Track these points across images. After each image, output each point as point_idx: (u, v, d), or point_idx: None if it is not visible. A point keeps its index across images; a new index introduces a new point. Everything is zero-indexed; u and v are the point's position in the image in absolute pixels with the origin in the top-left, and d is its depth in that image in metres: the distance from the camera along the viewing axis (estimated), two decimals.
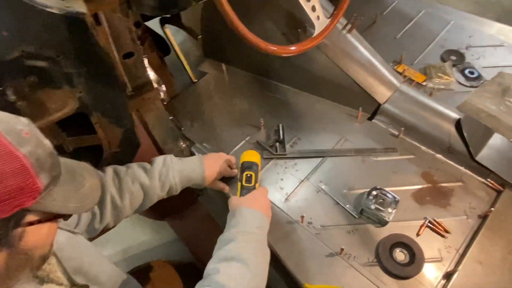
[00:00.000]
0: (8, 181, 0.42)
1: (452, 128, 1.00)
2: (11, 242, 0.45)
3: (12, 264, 0.46)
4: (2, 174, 0.41)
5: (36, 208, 0.45)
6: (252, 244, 0.69)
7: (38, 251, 0.50)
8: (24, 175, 0.43)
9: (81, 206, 0.51)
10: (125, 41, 0.78)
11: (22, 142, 0.44)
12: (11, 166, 0.42)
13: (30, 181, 0.43)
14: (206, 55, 1.33)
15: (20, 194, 0.43)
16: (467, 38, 1.34)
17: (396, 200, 0.88)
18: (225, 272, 0.63)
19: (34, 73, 0.67)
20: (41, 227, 0.48)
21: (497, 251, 0.83)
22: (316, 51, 1.08)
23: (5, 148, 0.42)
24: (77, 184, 0.51)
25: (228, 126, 1.12)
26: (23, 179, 0.43)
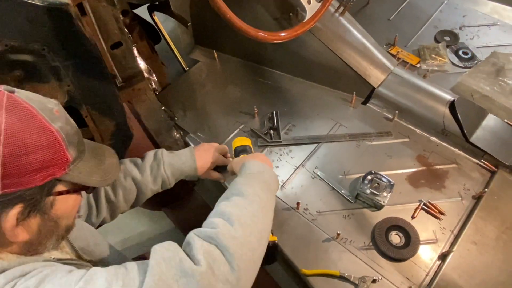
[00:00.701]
0: (44, 152, 0.47)
1: (446, 110, 1.00)
2: (43, 208, 0.50)
3: (43, 230, 0.52)
4: (38, 145, 0.47)
5: (65, 178, 0.51)
6: (251, 181, 0.70)
7: (64, 221, 0.55)
8: (57, 147, 0.49)
9: (103, 180, 0.56)
10: (112, 30, 0.76)
11: (54, 119, 0.49)
12: (46, 139, 0.48)
13: (62, 153, 0.49)
14: (197, 43, 1.31)
15: (53, 164, 0.48)
16: (460, 18, 1.32)
17: (391, 184, 0.88)
18: (224, 204, 0.64)
19: (20, 68, 0.65)
20: (68, 197, 0.53)
21: (491, 231, 0.84)
22: (308, 36, 1.07)
23: (40, 122, 0.47)
24: (98, 161, 0.57)
25: (221, 114, 1.12)
26: (56, 151, 0.49)
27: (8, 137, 0.45)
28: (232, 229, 0.58)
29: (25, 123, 0.46)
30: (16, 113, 0.46)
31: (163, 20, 1.25)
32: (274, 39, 0.90)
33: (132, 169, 0.83)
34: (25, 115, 0.47)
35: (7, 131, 0.45)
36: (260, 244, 0.62)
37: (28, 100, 0.48)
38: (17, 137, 0.45)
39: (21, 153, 0.45)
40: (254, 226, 0.61)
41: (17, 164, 0.45)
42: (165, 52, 1.29)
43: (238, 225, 0.59)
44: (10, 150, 0.45)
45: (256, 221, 0.62)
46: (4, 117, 0.45)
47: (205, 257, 0.53)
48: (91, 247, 0.69)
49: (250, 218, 0.62)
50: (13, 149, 0.45)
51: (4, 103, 0.46)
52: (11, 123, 0.45)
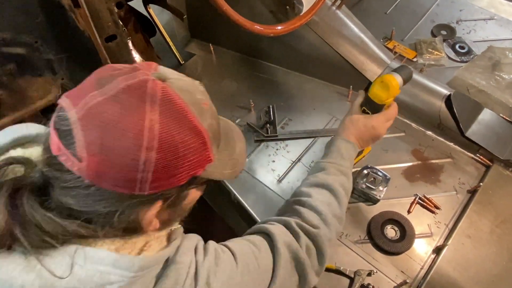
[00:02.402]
0: (193, 156, 0.44)
1: (442, 105, 1.00)
2: (178, 202, 0.49)
3: (173, 217, 0.51)
4: (189, 149, 0.43)
5: (203, 175, 0.47)
6: (341, 177, 0.73)
7: (189, 206, 0.54)
8: (203, 149, 0.45)
9: (233, 171, 0.54)
10: (106, 23, 0.75)
11: (203, 115, 0.45)
12: (196, 141, 0.44)
13: (207, 153, 0.46)
14: (193, 36, 1.30)
15: (197, 166, 0.45)
16: (457, 12, 1.32)
17: (387, 178, 0.89)
18: (317, 197, 0.69)
19: (12, 61, 0.65)
20: (198, 188, 0.52)
21: (485, 224, 0.85)
22: (305, 29, 1.06)
23: (192, 123, 0.43)
24: (231, 150, 0.54)
25: (217, 108, 1.09)
26: (201, 153, 0.45)
27: (162, 141, 0.40)
28: (328, 232, 0.65)
29: (178, 124, 0.42)
30: (171, 112, 0.41)
31: (158, 12, 1.24)
32: (270, 33, 0.89)
33: None
34: (179, 113, 0.42)
35: (162, 133, 0.40)
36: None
37: (180, 91, 0.43)
38: (171, 142, 0.41)
39: (173, 157, 0.42)
40: (339, 227, 0.70)
41: (168, 169, 0.42)
42: (161, 45, 1.27)
43: (333, 228, 0.67)
44: (164, 155, 0.41)
45: (340, 223, 0.70)
46: (158, 117, 0.40)
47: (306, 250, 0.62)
48: None
49: (339, 221, 0.69)
50: (166, 154, 0.41)
51: (159, 98, 0.41)
52: (166, 124, 0.41)
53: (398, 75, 0.73)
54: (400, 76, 0.73)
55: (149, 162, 0.40)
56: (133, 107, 0.40)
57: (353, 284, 0.78)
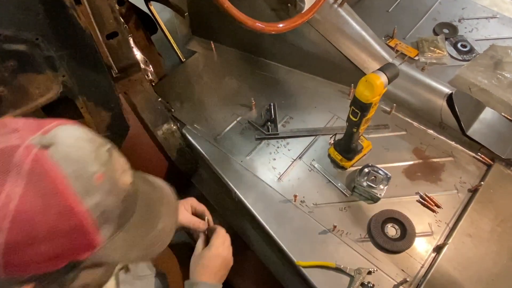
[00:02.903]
0: (61, 240, 0.37)
1: (444, 103, 1.00)
2: (63, 283, 0.41)
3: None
4: (54, 232, 0.36)
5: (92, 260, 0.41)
6: None
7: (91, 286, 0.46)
8: (82, 232, 0.38)
9: (145, 254, 0.45)
10: (108, 20, 0.74)
11: (90, 191, 0.38)
12: (68, 224, 0.37)
13: (88, 238, 0.39)
14: (194, 33, 1.30)
15: (73, 252, 0.39)
16: (460, 10, 1.31)
17: (388, 176, 0.88)
18: None
19: (13, 58, 0.64)
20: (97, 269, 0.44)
21: (486, 223, 0.85)
22: (307, 27, 1.06)
23: (66, 202, 0.36)
24: (149, 227, 0.45)
25: (218, 106, 1.11)
26: (79, 237, 0.38)
27: (16, 222, 0.34)
28: None
29: (45, 202, 0.35)
30: (38, 186, 0.35)
31: (160, 10, 1.24)
32: (272, 30, 0.89)
33: None
34: (49, 190, 0.35)
35: (19, 212, 0.34)
36: None
37: (64, 161, 0.37)
38: (28, 223, 0.35)
39: (28, 242, 0.35)
40: None
41: (22, 255, 0.35)
42: (162, 42, 1.27)
43: None
44: (15, 238, 0.35)
45: None
46: (20, 191, 0.34)
47: None
48: None
49: None
50: (20, 237, 0.35)
51: (27, 168, 0.35)
52: (27, 201, 0.34)
53: (383, 74, 0.73)
54: (385, 75, 0.73)
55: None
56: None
57: (353, 282, 0.78)
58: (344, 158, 0.93)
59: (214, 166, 0.98)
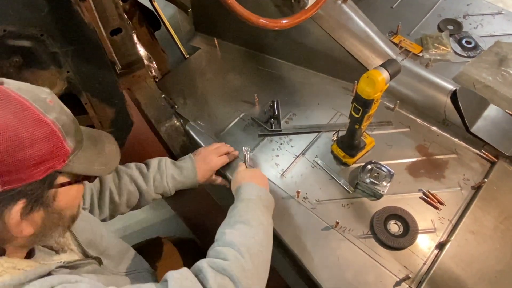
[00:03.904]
0: (41, 145, 0.46)
1: (448, 100, 0.99)
2: (46, 202, 0.50)
3: (48, 222, 0.51)
4: (35, 139, 0.45)
5: (65, 170, 0.50)
6: (251, 207, 0.74)
7: (68, 212, 0.55)
8: (54, 139, 0.47)
9: (105, 168, 0.56)
10: (111, 16, 0.75)
11: (48, 109, 0.47)
12: (42, 131, 0.46)
13: (60, 144, 0.48)
14: (198, 29, 1.30)
15: (51, 157, 0.47)
16: (464, 6, 1.30)
17: (391, 173, 0.88)
18: (230, 232, 0.67)
19: (18, 53, 0.65)
20: (70, 188, 0.53)
21: (489, 221, 0.85)
22: (310, 23, 1.05)
23: (34, 115, 0.46)
24: (99, 149, 0.56)
25: (222, 102, 1.11)
26: (53, 143, 0.47)
27: (2, 133, 0.43)
28: (243, 261, 0.61)
29: (18, 117, 0.45)
30: (8, 107, 0.45)
31: (163, 6, 1.24)
32: (275, 26, 0.89)
33: (138, 177, 0.85)
34: (18, 108, 0.45)
35: (1, 126, 0.43)
36: (266, 272, 0.65)
37: (19, 91, 0.47)
38: (12, 132, 0.44)
39: (18, 148, 0.44)
40: (261, 256, 0.65)
41: (15, 160, 0.44)
42: (165, 39, 1.27)
43: (248, 257, 0.62)
44: (6, 146, 0.43)
45: (262, 250, 0.66)
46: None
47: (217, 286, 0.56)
48: (97, 240, 0.70)
49: (258, 248, 0.65)
50: (9, 144, 0.43)
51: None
52: (4, 117, 0.44)
53: (385, 70, 0.73)
54: (387, 71, 0.73)
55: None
56: None
57: None
58: (347, 154, 0.93)
59: None
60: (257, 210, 0.73)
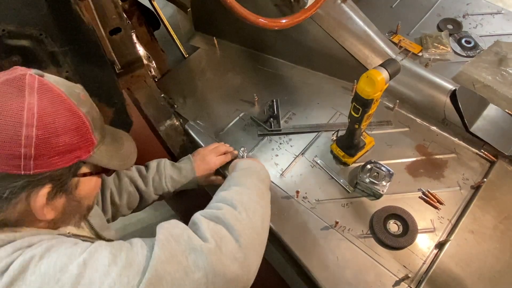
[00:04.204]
0: (72, 134, 0.49)
1: (447, 100, 0.99)
2: (69, 189, 0.53)
3: (67, 209, 0.54)
4: (68, 128, 0.49)
5: (89, 161, 0.53)
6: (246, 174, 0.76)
7: (86, 201, 0.58)
8: (84, 131, 0.51)
9: (123, 164, 0.59)
10: (111, 16, 0.75)
11: (80, 103, 0.51)
12: (75, 122, 0.50)
13: (88, 136, 0.52)
14: (197, 29, 1.29)
15: (79, 147, 0.51)
16: (464, 5, 1.30)
17: (391, 173, 0.88)
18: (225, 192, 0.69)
19: (17, 53, 0.65)
20: (90, 179, 0.56)
21: (488, 220, 0.85)
22: (310, 23, 1.05)
23: (69, 106, 0.50)
24: (118, 146, 0.59)
25: (221, 102, 1.11)
26: (83, 134, 0.51)
27: (41, 119, 0.46)
28: (236, 212, 0.62)
29: (55, 106, 0.48)
30: (48, 96, 0.48)
31: (163, 6, 1.24)
32: (275, 26, 0.89)
33: (137, 179, 0.86)
34: (56, 98, 0.49)
35: (40, 113, 0.46)
36: (263, 227, 0.65)
37: (56, 84, 0.50)
38: (49, 120, 0.47)
39: (53, 135, 0.47)
40: (256, 210, 0.64)
41: (48, 146, 0.47)
42: (165, 38, 1.27)
43: (242, 209, 0.62)
44: (43, 132, 0.46)
45: (257, 206, 0.65)
46: (36, 100, 0.47)
47: (212, 235, 0.55)
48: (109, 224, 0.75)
49: (252, 204, 0.65)
50: (46, 131, 0.46)
51: (36, 87, 0.48)
52: (43, 105, 0.47)
53: (384, 70, 0.73)
54: (386, 71, 0.73)
55: (30, 137, 0.45)
56: (13, 95, 0.46)
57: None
58: (346, 154, 0.93)
59: None
60: (251, 175, 0.74)
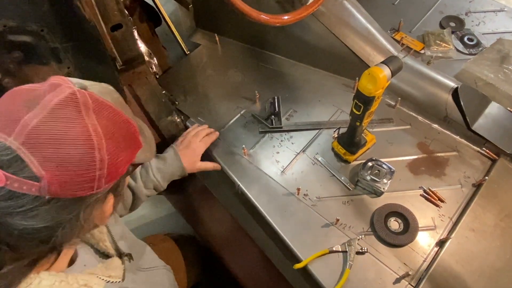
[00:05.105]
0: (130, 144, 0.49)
1: (449, 97, 0.99)
2: (121, 190, 0.54)
3: (115, 204, 0.54)
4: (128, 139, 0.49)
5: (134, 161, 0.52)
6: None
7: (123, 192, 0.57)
8: (136, 137, 0.51)
9: (150, 154, 0.58)
10: (112, 12, 0.74)
11: (125, 109, 0.50)
12: (131, 132, 0.49)
13: (138, 141, 0.52)
14: (198, 26, 1.29)
15: (134, 153, 0.51)
16: (467, 3, 1.30)
17: (392, 171, 0.88)
18: None
19: (18, 49, 0.65)
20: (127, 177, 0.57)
21: (489, 218, 0.85)
22: (311, 19, 1.05)
23: (123, 118, 0.48)
24: (143, 135, 0.57)
25: (222, 99, 1.11)
26: (135, 140, 0.51)
27: (108, 139, 0.45)
28: None
29: (114, 122, 0.47)
30: (104, 114, 0.46)
31: (164, 2, 1.23)
32: (276, 22, 0.88)
33: None
34: (111, 113, 0.47)
35: (105, 133, 0.45)
36: None
37: (102, 95, 0.47)
38: (114, 139, 0.46)
39: (118, 152, 0.46)
40: None
41: (116, 163, 0.46)
42: (166, 35, 1.27)
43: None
44: (111, 152, 0.45)
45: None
46: (96, 120, 0.45)
47: None
48: (126, 233, 0.74)
49: None
50: (114, 149, 0.46)
51: (91, 104, 0.45)
52: (104, 124, 0.45)
53: (386, 67, 0.72)
54: (388, 68, 0.72)
55: (103, 160, 0.44)
56: (73, 117, 0.43)
57: (348, 255, 0.80)
58: (347, 151, 0.93)
59: (217, 158, 0.98)
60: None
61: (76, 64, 0.72)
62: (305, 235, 0.84)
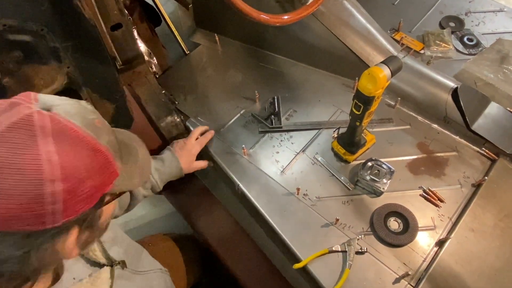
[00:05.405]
0: (97, 175, 0.43)
1: (449, 98, 0.99)
2: (93, 222, 0.48)
3: (91, 238, 0.50)
4: (92, 171, 0.43)
5: (112, 191, 0.47)
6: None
7: (106, 222, 0.53)
8: (108, 167, 0.45)
9: (141, 179, 0.53)
10: (112, 11, 0.74)
11: (99, 133, 0.44)
12: (98, 161, 0.43)
13: (112, 170, 0.45)
14: (198, 25, 1.29)
15: (105, 183, 0.45)
16: (467, 3, 1.30)
17: (391, 171, 0.88)
18: None
19: (19, 48, 0.65)
20: (112, 203, 0.51)
21: (489, 218, 0.85)
22: (311, 19, 1.05)
23: (90, 144, 0.43)
24: (134, 158, 0.52)
25: (222, 99, 1.11)
26: (107, 171, 0.45)
27: (64, 170, 0.39)
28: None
29: (76, 150, 0.41)
30: (65, 140, 0.40)
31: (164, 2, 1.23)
32: (276, 22, 0.88)
33: None
34: (74, 139, 0.41)
35: (62, 162, 0.39)
36: None
37: (69, 116, 0.42)
38: (73, 169, 0.40)
39: (78, 184, 0.41)
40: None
41: (75, 195, 0.41)
42: (166, 35, 1.27)
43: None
44: (69, 184, 0.40)
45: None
46: (54, 148, 0.39)
47: None
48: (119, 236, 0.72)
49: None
50: (72, 181, 0.40)
51: (50, 128, 0.40)
52: (63, 153, 0.40)
53: (386, 67, 0.72)
54: (388, 68, 0.72)
55: (56, 193, 0.39)
56: (24, 144, 0.38)
57: (348, 255, 0.80)
58: (347, 151, 0.93)
59: (217, 159, 0.98)
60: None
61: (76, 63, 0.72)
62: (305, 235, 0.84)
